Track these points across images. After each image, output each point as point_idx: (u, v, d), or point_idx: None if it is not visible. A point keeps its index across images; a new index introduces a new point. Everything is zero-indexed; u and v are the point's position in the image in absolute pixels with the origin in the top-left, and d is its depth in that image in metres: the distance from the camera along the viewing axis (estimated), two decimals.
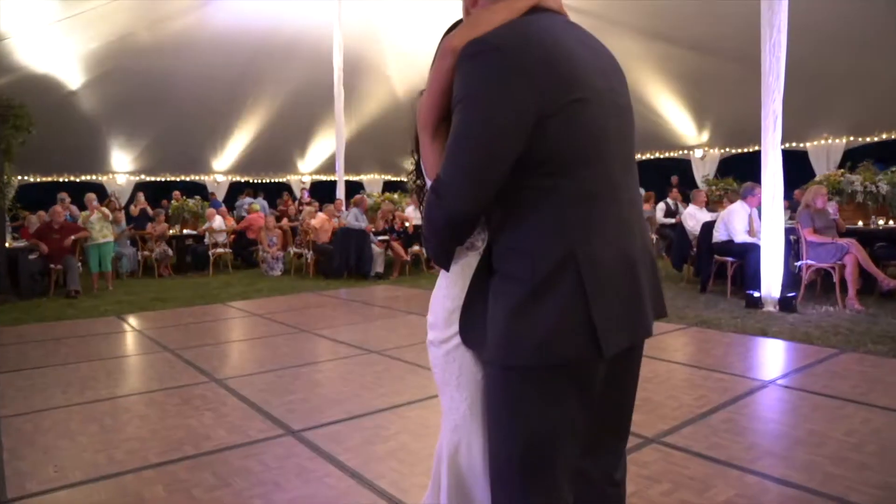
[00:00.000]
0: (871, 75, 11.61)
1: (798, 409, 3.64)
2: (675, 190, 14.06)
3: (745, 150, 16.20)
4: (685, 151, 17.04)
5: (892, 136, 14.24)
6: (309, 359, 4.98)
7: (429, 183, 1.42)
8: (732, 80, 12.65)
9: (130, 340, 5.98)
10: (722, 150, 16.59)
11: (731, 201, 9.24)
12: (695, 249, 8.91)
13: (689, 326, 6.00)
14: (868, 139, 14.30)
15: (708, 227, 8.42)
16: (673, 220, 11.93)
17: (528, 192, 1.26)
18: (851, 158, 15.05)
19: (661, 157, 17.74)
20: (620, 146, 1.35)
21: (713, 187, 12.72)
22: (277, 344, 5.55)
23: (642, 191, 16.42)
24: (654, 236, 12.73)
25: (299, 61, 14.75)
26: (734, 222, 7.93)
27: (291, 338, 5.81)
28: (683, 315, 6.50)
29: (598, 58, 1.38)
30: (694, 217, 9.20)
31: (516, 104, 1.19)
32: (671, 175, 15.71)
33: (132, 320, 6.98)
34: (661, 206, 12.93)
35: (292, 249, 11.43)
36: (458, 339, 1.45)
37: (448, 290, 1.48)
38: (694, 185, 15.79)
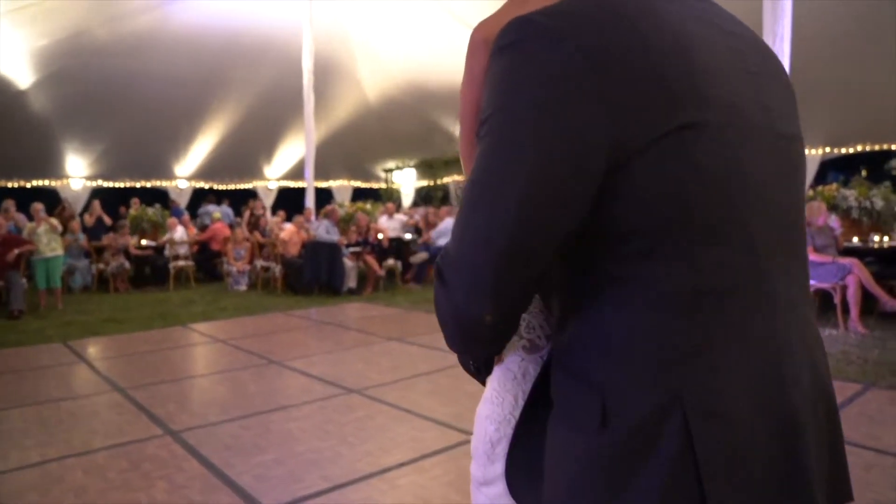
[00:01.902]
0: (846, 85, 11.45)
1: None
2: None
3: None
4: None
5: (867, 149, 14.19)
6: (280, 401, 4.39)
7: None
8: None
9: (75, 376, 5.30)
10: None
11: None
12: None
13: None
14: (844, 150, 14.22)
15: None
16: None
17: (602, 283, 0.78)
18: (825, 170, 15.12)
19: None
20: (774, 203, 0.83)
21: None
22: (244, 380, 4.95)
23: None
24: None
25: (267, 64, 14.14)
26: None
27: (260, 372, 5.21)
28: None
29: (746, 55, 0.86)
30: None
31: (577, 132, 0.72)
32: None
33: (80, 348, 6.28)
34: None
35: (259, 263, 10.77)
36: (503, 485, 0.99)
37: (492, 408, 1.06)
38: None
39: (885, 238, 7.69)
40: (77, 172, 16.37)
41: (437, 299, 0.81)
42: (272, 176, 19.84)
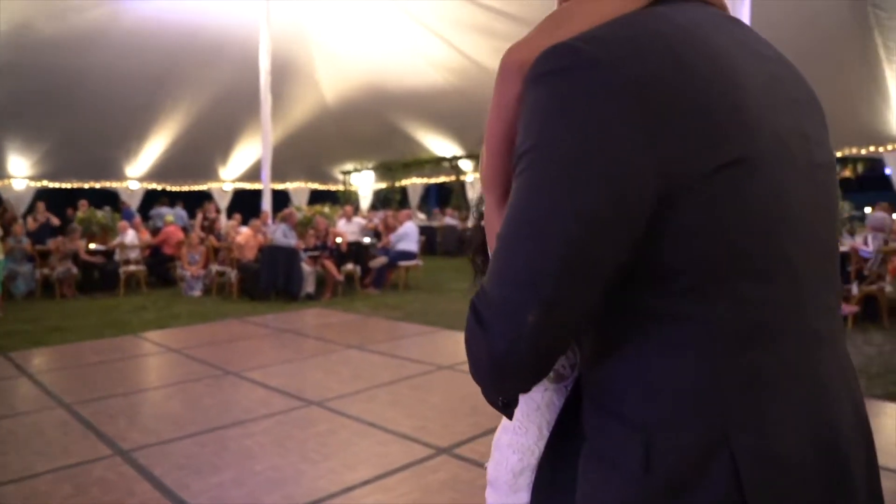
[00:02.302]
0: None
1: None
2: None
3: None
4: None
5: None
6: (237, 415, 4.23)
7: None
8: None
9: (15, 392, 5.02)
10: None
11: None
12: None
13: None
14: None
15: None
16: None
17: (643, 320, 0.75)
18: None
19: None
20: (814, 235, 0.80)
21: None
22: (199, 393, 4.76)
23: None
24: None
25: (223, 63, 13.84)
26: None
27: (215, 384, 5.03)
28: None
29: (782, 82, 0.83)
30: None
31: (627, 168, 0.69)
32: None
33: (21, 360, 5.97)
34: None
35: (214, 268, 10.49)
36: None
37: (515, 437, 1.01)
38: None
39: None
40: (19, 172, 15.73)
41: (472, 340, 0.76)
42: (227, 177, 19.42)
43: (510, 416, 0.91)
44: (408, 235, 11.08)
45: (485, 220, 0.95)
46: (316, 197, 20.98)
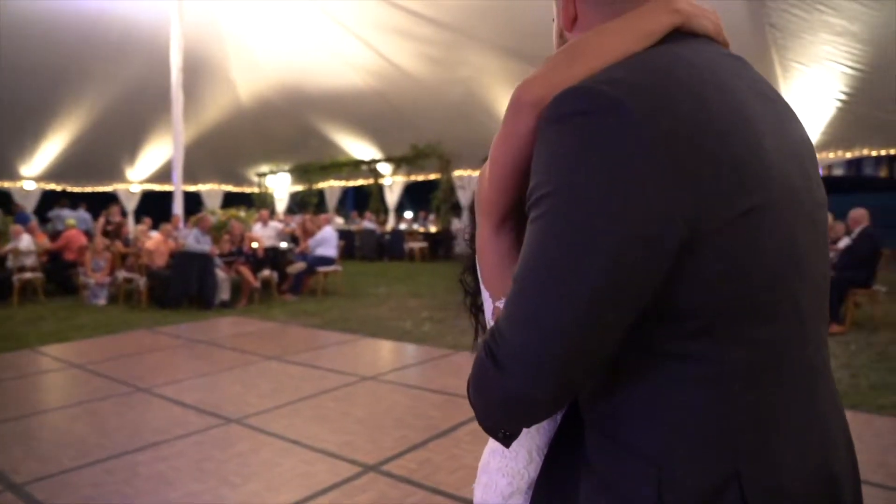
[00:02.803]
0: None
1: None
2: None
3: None
4: None
5: None
6: (149, 437, 3.98)
7: (487, 301, 0.96)
8: None
9: None
10: None
11: None
12: None
13: None
14: None
15: None
16: None
17: (655, 357, 0.78)
18: None
19: None
20: (814, 273, 0.85)
21: None
22: (106, 414, 4.46)
23: None
24: None
25: (132, 58, 13.18)
26: None
27: (124, 402, 4.73)
28: None
29: (785, 123, 0.87)
30: None
31: (653, 214, 0.70)
32: None
33: None
34: None
35: (121, 274, 9.93)
36: None
37: (504, 461, 1.03)
38: None
39: None
40: None
41: (485, 381, 0.77)
42: (135, 178, 18.51)
43: (508, 446, 0.93)
44: (327, 240, 10.87)
45: (478, 245, 0.97)
46: (230, 199, 20.34)
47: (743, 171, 0.74)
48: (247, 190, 21.45)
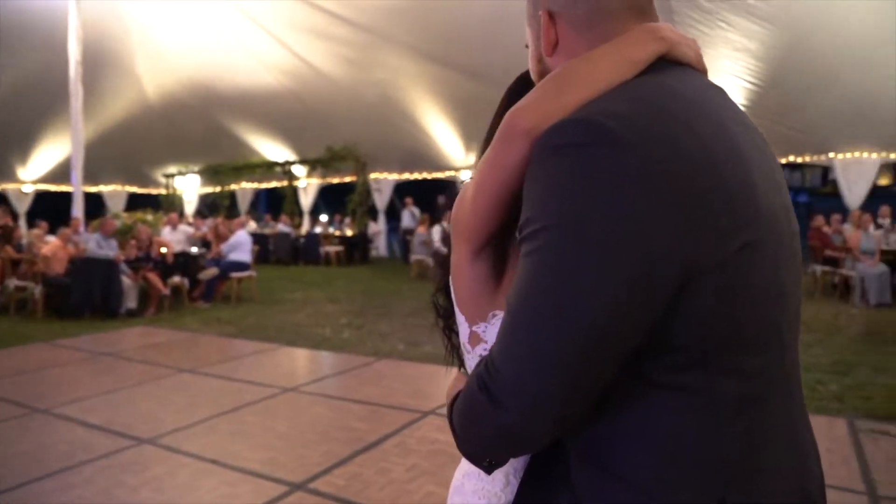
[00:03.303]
0: None
1: None
2: (449, 213, 14.19)
3: None
4: (452, 172, 17.43)
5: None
6: (52, 464, 3.69)
7: (463, 325, 0.97)
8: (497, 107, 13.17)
9: None
10: None
11: None
12: None
13: None
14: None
15: None
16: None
17: (645, 387, 0.78)
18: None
19: (429, 177, 18.02)
20: (793, 301, 0.87)
21: None
22: (1, 439, 4.11)
23: (416, 211, 16.60)
24: (430, 260, 12.73)
25: (24, 49, 12.27)
26: None
27: (21, 426, 4.38)
28: None
29: (763, 152, 0.88)
30: None
31: (652, 251, 0.70)
32: (437, 195, 15.88)
33: None
34: (437, 229, 12.97)
35: (13, 283, 9.23)
36: None
37: (480, 483, 1.03)
38: None
39: None
40: None
41: (477, 414, 0.77)
42: (28, 178, 17.28)
43: (490, 473, 0.94)
44: (241, 245, 10.52)
45: (454, 269, 0.97)
46: (135, 202, 19.35)
47: (737, 206, 0.75)
48: (153, 191, 20.50)
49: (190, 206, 19.80)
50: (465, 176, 16.96)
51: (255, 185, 20.49)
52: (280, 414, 4.59)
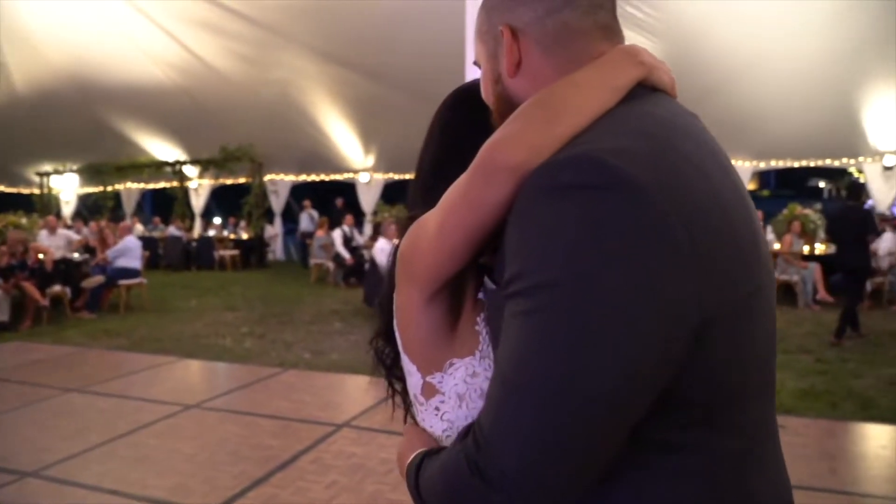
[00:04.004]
0: None
1: None
2: (349, 216, 14.03)
3: (407, 176, 17.13)
4: (351, 175, 17.19)
5: None
6: None
7: (414, 375, 0.89)
8: (400, 109, 13.13)
9: None
10: (386, 176, 17.13)
11: None
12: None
13: None
14: None
15: None
16: (347, 249, 11.94)
17: (648, 449, 0.71)
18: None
19: (327, 179, 17.69)
20: (774, 339, 0.83)
21: (385, 214, 13.11)
22: None
23: (315, 213, 16.21)
24: (330, 264, 12.49)
25: None
26: None
27: None
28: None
29: (744, 193, 0.80)
30: (385, 251, 9.08)
31: (672, 307, 0.63)
32: (336, 198, 15.62)
33: None
34: (337, 233, 12.75)
35: None
36: None
37: None
38: (359, 210, 16.09)
39: None
40: None
41: (467, 497, 0.68)
42: None
43: None
44: (129, 251, 9.85)
45: (402, 314, 0.89)
46: (4, 202, 17.71)
47: (745, 250, 0.72)
48: (25, 191, 18.90)
49: (68, 208, 18.42)
50: (363, 178, 16.75)
51: (142, 186, 19.35)
52: (185, 434, 4.30)
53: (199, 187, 18.16)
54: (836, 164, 13.38)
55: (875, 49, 9.67)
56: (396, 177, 17.14)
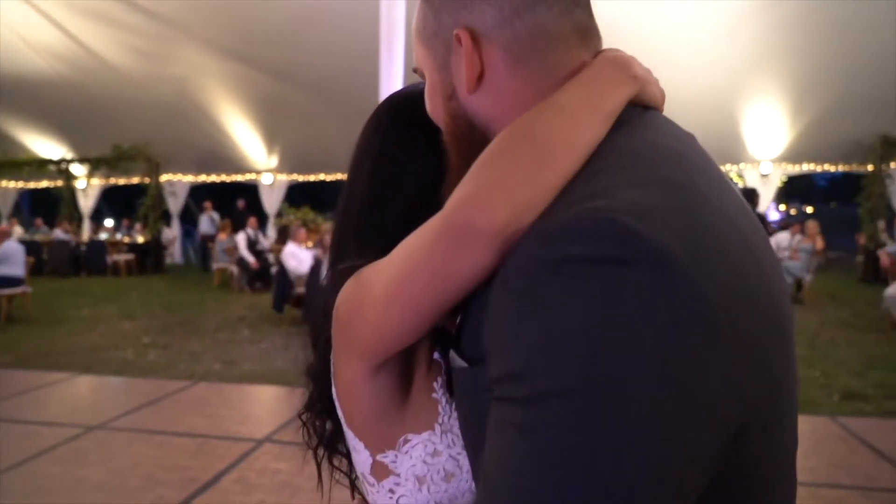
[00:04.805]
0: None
1: None
2: (252, 219, 13.61)
3: (312, 178, 16.79)
4: (253, 176, 16.66)
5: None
6: None
7: (361, 452, 0.77)
8: (306, 109, 12.87)
9: None
10: (290, 177, 16.73)
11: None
12: (300, 290, 8.55)
13: None
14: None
15: (317, 268, 8.18)
16: (252, 253, 11.56)
17: None
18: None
19: (228, 180, 17.09)
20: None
21: (292, 216, 12.80)
22: None
23: (216, 215, 15.56)
24: (234, 268, 12.05)
25: None
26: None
27: None
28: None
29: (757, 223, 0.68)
30: (295, 256, 8.85)
31: (716, 410, 0.50)
32: (237, 199, 15.17)
33: None
34: (241, 236, 12.32)
35: None
36: None
37: None
38: (261, 211, 15.63)
39: None
40: None
41: None
42: None
43: None
44: (10, 257, 9.04)
45: (343, 388, 0.77)
46: None
47: (779, 318, 0.59)
48: None
49: None
50: (266, 179, 16.22)
51: (21, 185, 17.91)
52: (91, 459, 3.99)
53: (89, 187, 17.02)
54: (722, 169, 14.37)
55: (757, 65, 10.43)
56: (301, 178, 16.80)
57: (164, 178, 15.85)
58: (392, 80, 6.81)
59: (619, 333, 0.48)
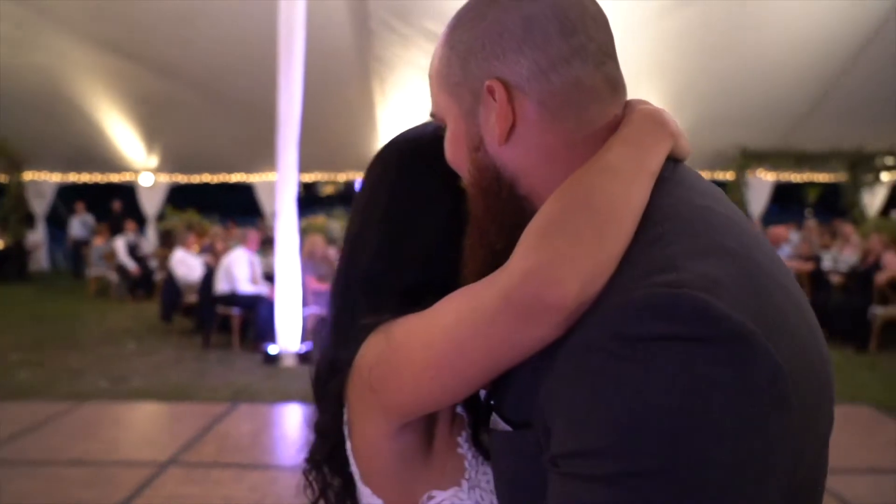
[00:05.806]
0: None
1: None
2: (131, 222, 12.83)
3: (196, 179, 16.04)
4: (130, 175, 15.65)
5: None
6: None
7: None
8: (191, 107, 12.29)
9: None
10: (172, 178, 15.87)
11: (223, 242, 9.07)
12: (192, 298, 8.14)
13: (240, 403, 5.31)
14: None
15: (209, 275, 7.83)
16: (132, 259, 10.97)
17: None
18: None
19: (103, 180, 15.96)
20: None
21: (175, 220, 12.22)
22: None
23: (90, 218, 14.45)
24: (113, 275, 11.33)
25: None
26: (235, 271, 7.57)
27: None
28: (214, 388, 5.73)
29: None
30: (185, 263, 8.43)
31: (782, 477, 0.53)
32: (112, 201, 14.22)
33: None
34: (120, 241, 11.61)
35: None
36: None
37: None
38: (139, 213, 14.74)
39: None
40: None
41: None
42: None
43: None
44: None
45: (359, 440, 0.75)
46: None
47: (827, 381, 0.60)
48: None
49: None
50: (145, 180, 15.28)
51: None
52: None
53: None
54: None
55: (636, 80, 11.04)
56: (184, 179, 15.98)
57: (27, 176, 14.53)
58: (291, 84, 6.70)
59: (702, 413, 0.49)
